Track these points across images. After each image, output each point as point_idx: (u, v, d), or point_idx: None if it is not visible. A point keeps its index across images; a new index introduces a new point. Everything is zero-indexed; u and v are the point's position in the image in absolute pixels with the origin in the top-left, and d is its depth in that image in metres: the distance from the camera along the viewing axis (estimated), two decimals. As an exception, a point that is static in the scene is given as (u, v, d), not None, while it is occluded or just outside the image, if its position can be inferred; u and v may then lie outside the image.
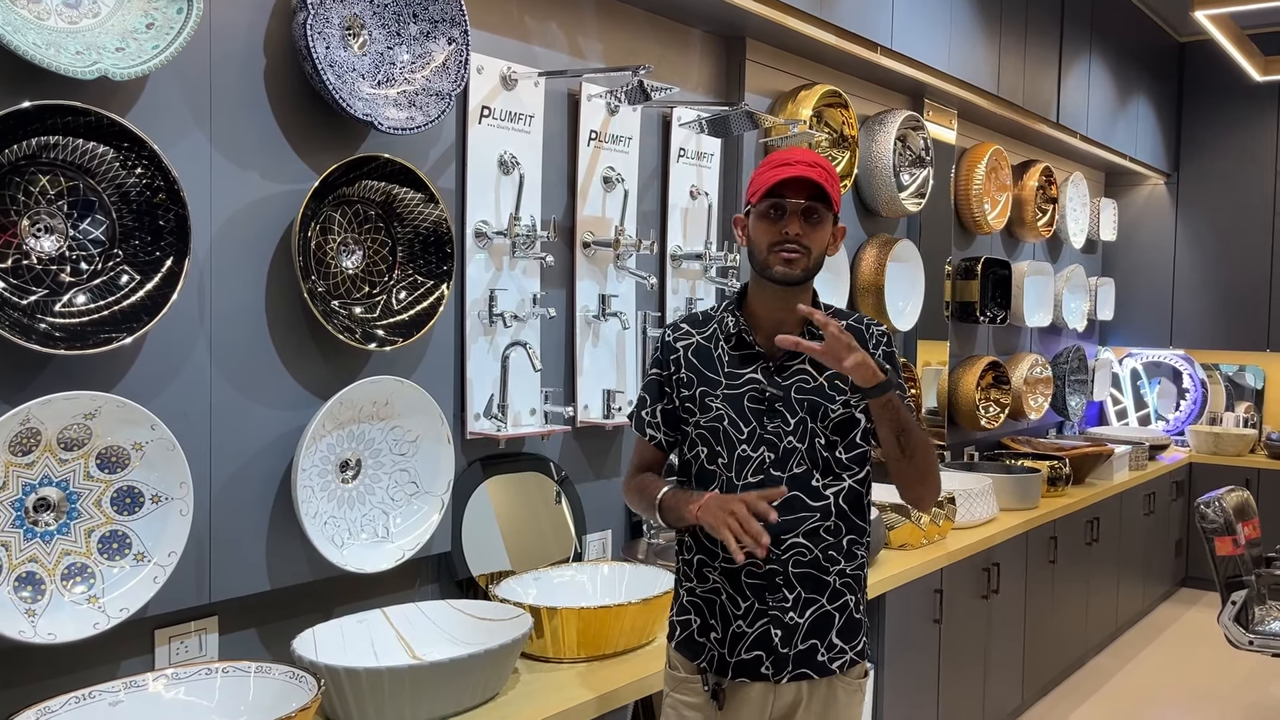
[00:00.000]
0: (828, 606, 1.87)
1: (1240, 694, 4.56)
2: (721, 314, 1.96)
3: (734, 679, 1.87)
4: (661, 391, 1.97)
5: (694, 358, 1.93)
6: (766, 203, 1.82)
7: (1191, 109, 6.40)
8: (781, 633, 1.85)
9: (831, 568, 1.87)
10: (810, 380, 1.88)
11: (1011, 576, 3.92)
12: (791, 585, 1.85)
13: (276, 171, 2.04)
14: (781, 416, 1.86)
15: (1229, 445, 6.03)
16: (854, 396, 1.86)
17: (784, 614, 1.85)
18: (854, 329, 1.91)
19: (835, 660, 1.88)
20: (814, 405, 1.86)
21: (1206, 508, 3.86)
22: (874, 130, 3.86)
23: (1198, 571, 6.06)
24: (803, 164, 1.80)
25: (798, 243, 1.80)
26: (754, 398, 1.88)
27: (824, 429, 1.86)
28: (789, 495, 1.83)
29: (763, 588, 1.85)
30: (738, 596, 1.87)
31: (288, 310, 2.05)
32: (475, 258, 2.50)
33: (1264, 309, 6.15)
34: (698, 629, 1.92)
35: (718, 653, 1.88)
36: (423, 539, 2.22)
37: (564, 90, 2.76)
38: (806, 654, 1.86)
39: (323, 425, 2.05)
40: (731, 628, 1.87)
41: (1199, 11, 4.79)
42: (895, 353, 1.97)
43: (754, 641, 1.86)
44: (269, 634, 2.13)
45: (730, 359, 1.90)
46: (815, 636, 1.86)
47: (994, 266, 4.81)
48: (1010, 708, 4.06)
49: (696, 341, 1.94)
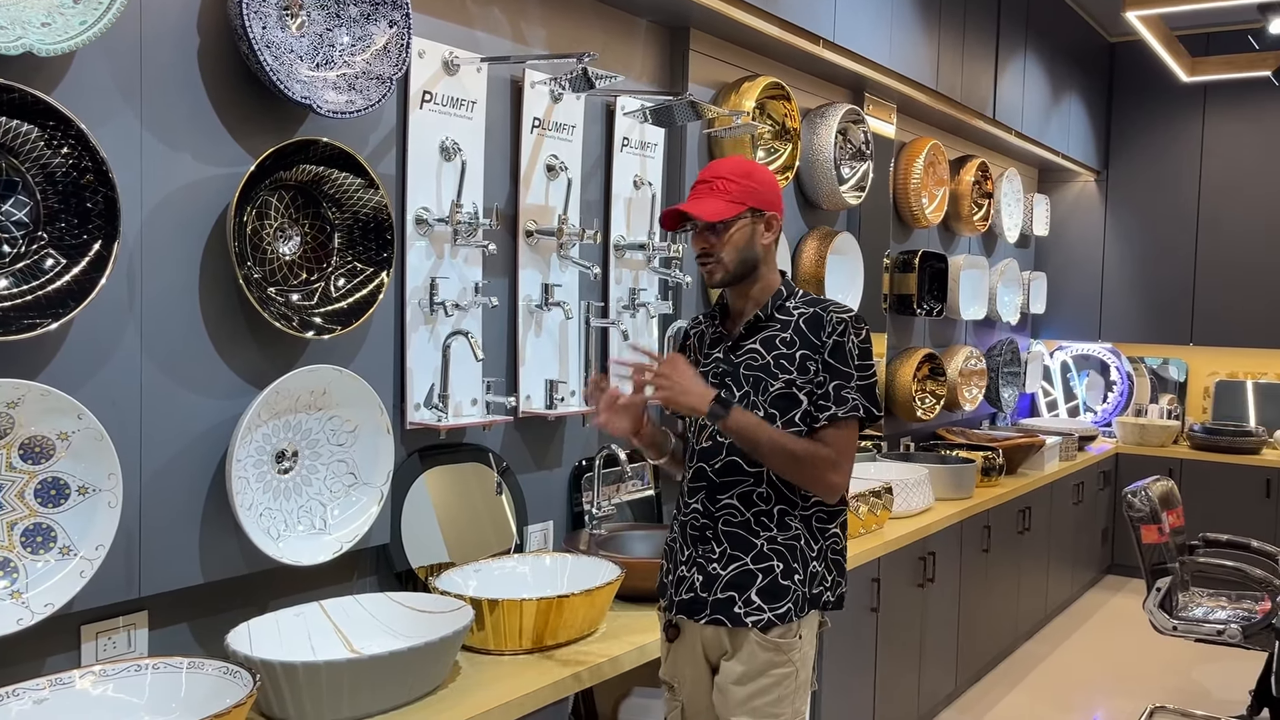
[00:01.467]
0: (751, 566, 2.04)
1: (1164, 678, 4.69)
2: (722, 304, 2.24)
3: (676, 614, 2.11)
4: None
5: (697, 342, 2.25)
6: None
7: (1121, 108, 6.56)
8: (703, 579, 2.06)
9: (762, 532, 2.05)
10: (758, 358, 2.08)
11: (946, 565, 3.99)
12: (720, 541, 2.06)
13: (211, 154, 1.98)
14: (729, 389, 2.08)
15: (1153, 436, 6.20)
16: (799, 377, 2.04)
17: (708, 564, 2.07)
18: (815, 316, 2.07)
19: (751, 615, 2.02)
20: (756, 380, 2.06)
21: (1134, 497, 3.95)
22: (815, 123, 3.88)
23: (1123, 559, 6.24)
24: (680, 205, 2.07)
25: (707, 255, 2.08)
26: (714, 373, 2.13)
27: (764, 402, 2.05)
28: (726, 459, 2.06)
29: (697, 539, 2.09)
30: (684, 543, 2.12)
31: (222, 297, 2.00)
32: (416, 245, 2.46)
33: (1187, 304, 6.33)
34: (664, 570, 2.19)
35: (671, 591, 2.13)
36: (361, 531, 2.19)
37: (507, 77, 2.73)
38: (724, 603, 2.04)
39: (258, 415, 2.01)
40: (678, 571, 2.12)
41: (1130, 12, 4.90)
42: (848, 342, 2.05)
43: (689, 585, 2.09)
44: (202, 629, 2.08)
45: (710, 340, 2.20)
46: (734, 589, 2.03)
47: (931, 260, 4.88)
48: (944, 694, 4.13)
49: (702, 329, 2.26)
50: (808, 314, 2.08)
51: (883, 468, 4.19)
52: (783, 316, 2.09)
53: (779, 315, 2.09)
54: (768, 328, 2.09)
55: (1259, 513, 5.77)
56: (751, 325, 2.10)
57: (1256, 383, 6.33)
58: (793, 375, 2.04)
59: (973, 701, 4.32)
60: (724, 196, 2.05)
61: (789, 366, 2.05)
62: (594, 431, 3.06)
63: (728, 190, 2.05)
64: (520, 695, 2.02)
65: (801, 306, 2.10)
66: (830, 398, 2.03)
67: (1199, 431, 6.11)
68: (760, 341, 2.09)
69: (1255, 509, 5.78)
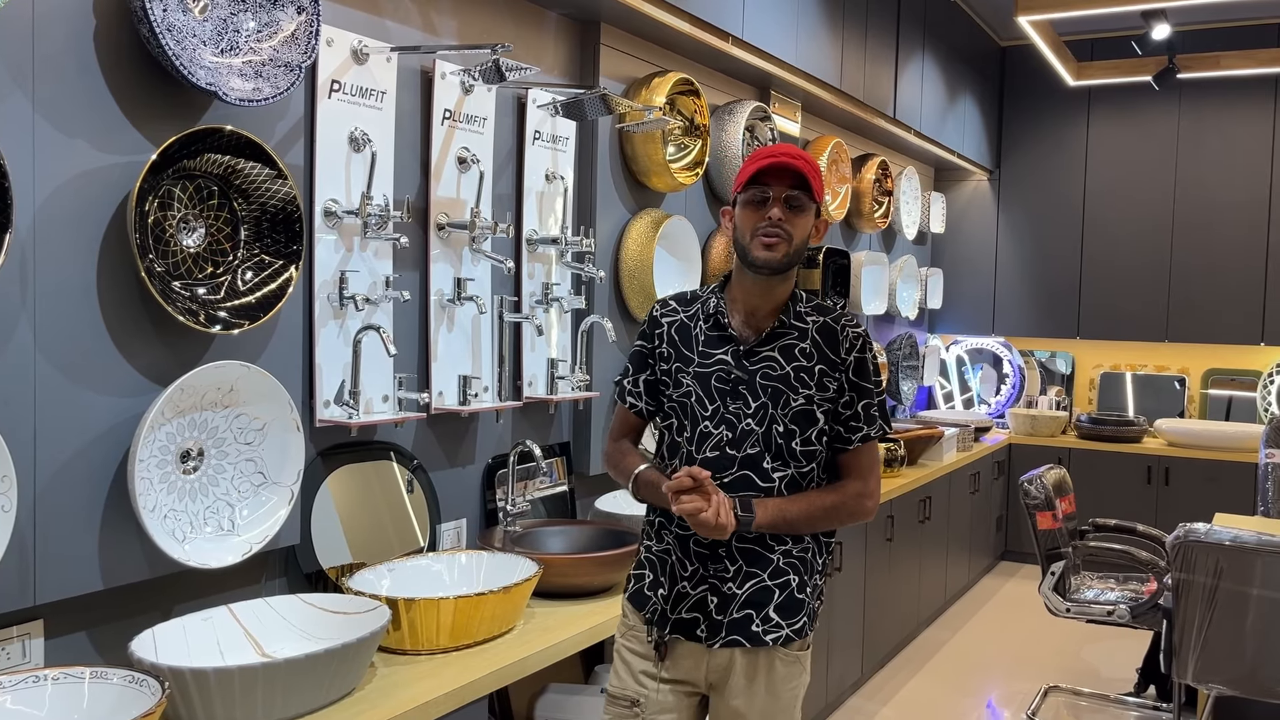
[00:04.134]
0: (768, 582, 1.95)
1: (1057, 659, 4.88)
2: (707, 295, 2.07)
3: (672, 634, 1.99)
4: (645, 363, 2.09)
5: (675, 334, 2.05)
6: (751, 190, 1.92)
7: (1012, 109, 6.79)
8: (718, 600, 1.95)
9: (777, 546, 1.96)
10: (777, 368, 1.96)
11: (853, 555, 4.08)
12: (734, 558, 1.95)
13: (109, 141, 1.89)
14: (743, 399, 1.96)
15: (1044, 427, 6.44)
16: (818, 394, 1.96)
17: (723, 583, 1.95)
18: (829, 327, 1.99)
19: (770, 633, 1.95)
20: (777, 392, 1.95)
21: (1029, 485, 4.10)
22: (724, 120, 3.91)
23: (1016, 545, 6.46)
24: (786, 155, 1.90)
25: (780, 227, 1.90)
26: (721, 378, 1.98)
27: (784, 417, 1.95)
28: (739, 474, 1.95)
29: (707, 556, 1.97)
30: (686, 560, 1.99)
31: (123, 290, 1.92)
32: (325, 238, 2.40)
33: (1074, 299, 6.59)
34: (649, 584, 2.04)
35: (661, 607, 2.00)
36: (271, 531, 2.13)
37: (417, 67, 2.68)
38: (741, 622, 1.95)
39: (162, 413, 1.93)
40: (677, 587, 1.99)
41: (1022, 16, 5.07)
42: (869, 357, 1.99)
43: (694, 604, 1.97)
44: (103, 636, 1.99)
45: (706, 339, 2.01)
46: (751, 608, 1.95)
47: (835, 256, 4.96)
48: (851, 681, 4.22)
49: (680, 319, 2.06)
50: (820, 324, 1.99)
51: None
52: (799, 324, 1.99)
53: (796, 323, 1.99)
54: (786, 335, 1.98)
55: (1143, 497, 6.04)
56: (771, 331, 1.97)
57: (1135, 374, 6.63)
58: (812, 391, 1.95)
59: (878, 688, 4.42)
60: (817, 180, 1.93)
61: (809, 381, 1.95)
62: (507, 428, 3.03)
63: (816, 175, 1.93)
64: (439, 695, 1.99)
65: (812, 314, 2.01)
66: (861, 418, 1.98)
67: (1086, 422, 6.37)
68: (779, 350, 1.97)
69: (1139, 494, 6.06)
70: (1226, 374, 6.39)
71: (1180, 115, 6.28)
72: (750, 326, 2.00)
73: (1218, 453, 5.91)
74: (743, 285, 2.00)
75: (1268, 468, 4.78)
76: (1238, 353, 6.33)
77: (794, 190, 1.91)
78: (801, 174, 1.90)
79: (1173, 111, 6.29)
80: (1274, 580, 3.09)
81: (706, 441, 1.97)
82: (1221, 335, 6.19)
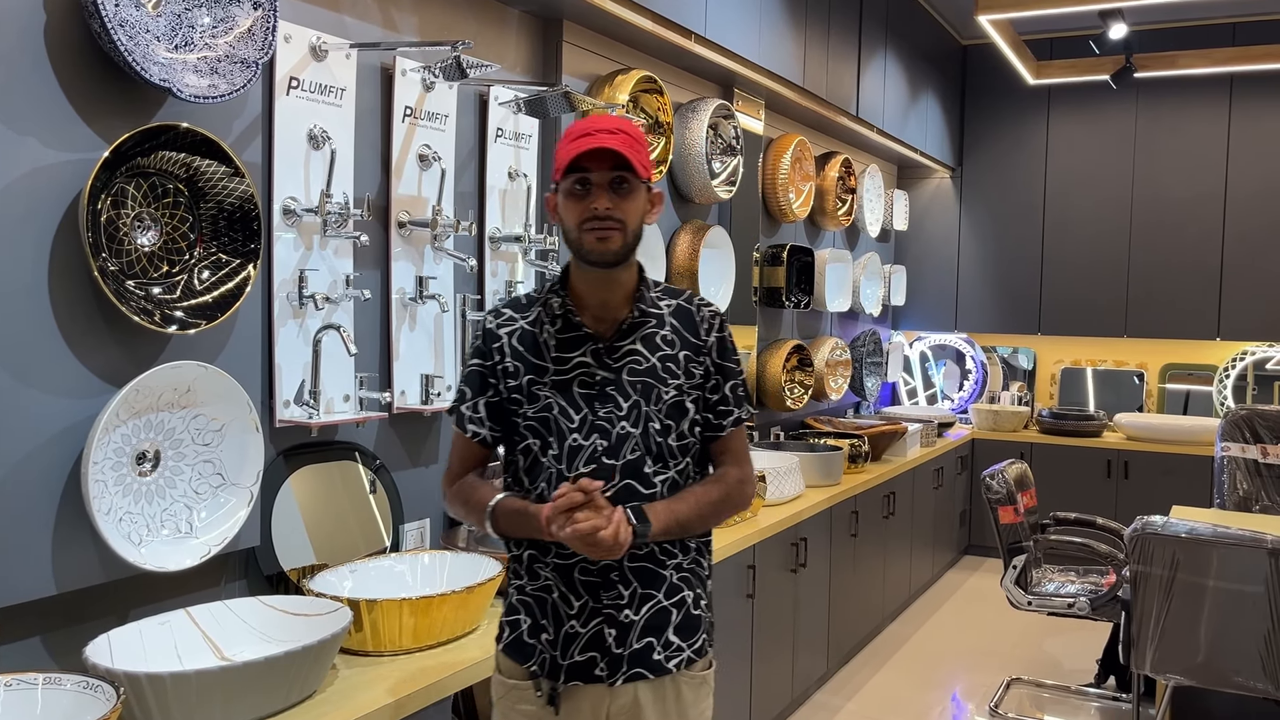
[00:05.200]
0: (664, 602, 1.79)
1: (1019, 651, 4.94)
2: (545, 296, 1.84)
3: (567, 682, 1.76)
4: (485, 383, 1.83)
5: (519, 344, 1.81)
6: (571, 179, 1.72)
7: (973, 108, 6.85)
8: (616, 632, 1.75)
9: (668, 561, 1.79)
10: (643, 361, 1.78)
11: (817, 550, 4.10)
12: (627, 581, 1.76)
13: (60, 139, 1.86)
14: (614, 401, 1.76)
15: (1006, 422, 6.51)
16: (687, 382, 1.80)
17: (619, 612, 1.75)
18: (684, 310, 1.85)
19: (672, 659, 1.78)
20: (647, 387, 1.77)
21: (991, 479, 4.14)
22: (687, 117, 3.92)
23: (979, 539, 6.53)
24: (603, 132, 1.69)
25: (609, 218, 1.71)
26: (584, 382, 1.77)
27: (657, 413, 1.77)
28: (621, 484, 1.75)
29: (597, 585, 1.76)
30: (570, 595, 1.77)
31: (75, 290, 1.89)
32: (283, 236, 2.38)
33: (1035, 295, 6.66)
34: (528, 629, 1.80)
35: (549, 655, 1.77)
36: (230, 533, 2.10)
37: (377, 64, 2.66)
38: (642, 653, 1.76)
39: (116, 414, 1.90)
40: (564, 628, 1.76)
41: (982, 15, 5.12)
42: (728, 336, 1.86)
43: (588, 642, 1.76)
44: (57, 641, 1.96)
45: (558, 343, 1.79)
46: (651, 635, 1.77)
47: (798, 254, 5.00)
48: (816, 676, 4.24)
49: (521, 327, 1.82)
50: (674, 307, 1.84)
51: (755, 457, 4.26)
52: (655, 311, 1.83)
53: (652, 310, 1.82)
54: (645, 324, 1.81)
55: (1102, 491, 6.13)
56: (630, 323, 1.80)
57: (1095, 369, 6.72)
58: (680, 380, 1.79)
59: (843, 682, 4.45)
60: (641, 154, 1.73)
61: (676, 370, 1.79)
62: (470, 426, 3.01)
63: (639, 148, 1.73)
64: (402, 696, 1.98)
65: (665, 298, 1.85)
66: (730, 401, 1.84)
67: (1047, 416, 6.45)
68: (641, 341, 1.79)
69: (1099, 488, 6.14)
70: (1184, 369, 6.49)
71: (1138, 114, 6.37)
72: (605, 321, 1.80)
73: (1175, 446, 6.00)
74: (585, 280, 1.79)
75: (1223, 460, 4.87)
76: (1195, 348, 6.43)
77: (617, 172, 1.70)
78: (621, 153, 1.69)
79: (1130, 110, 6.38)
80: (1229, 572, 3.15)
81: (578, 456, 1.75)
82: (1179, 330, 6.29)
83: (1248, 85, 6.08)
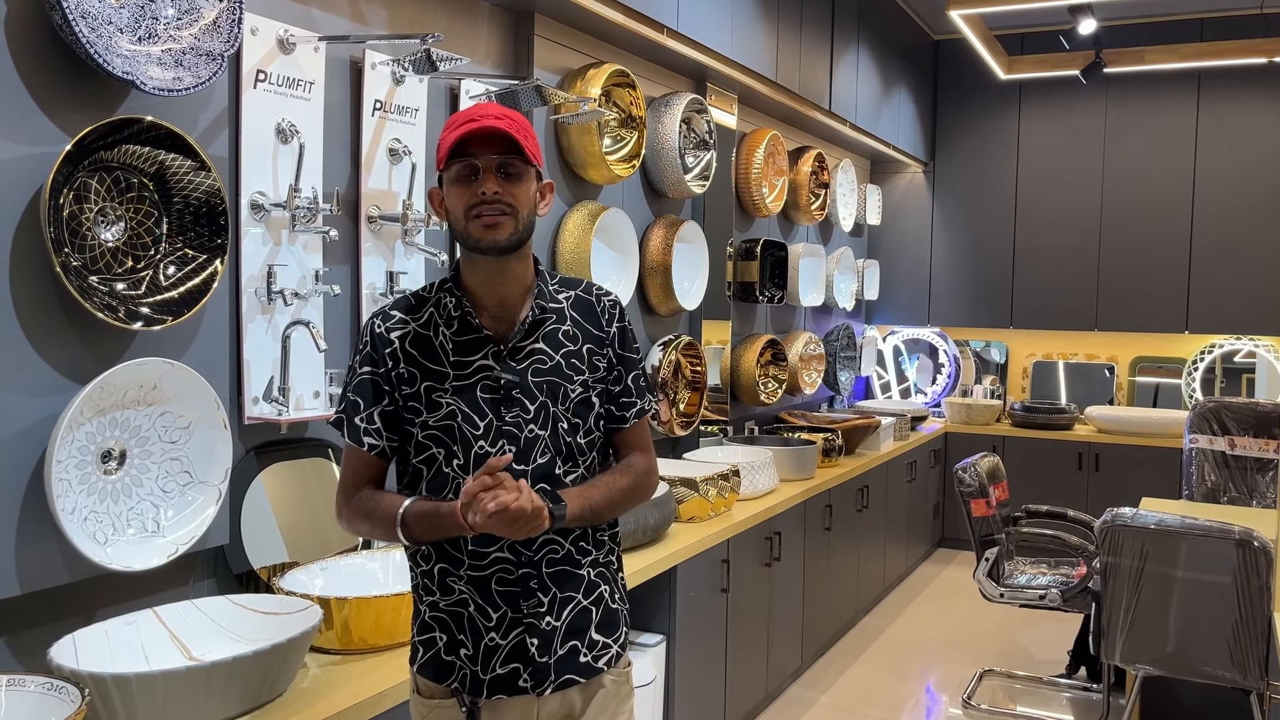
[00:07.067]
0: (584, 602, 1.73)
1: (992, 643, 4.97)
2: (437, 295, 1.74)
3: (489, 697, 1.69)
4: (379, 391, 1.71)
5: (412, 349, 1.70)
6: (456, 165, 1.64)
7: (945, 102, 6.88)
8: (539, 641, 1.68)
9: (584, 560, 1.74)
10: (547, 360, 1.71)
11: (791, 544, 4.11)
12: (546, 587, 1.69)
13: (20, 131, 1.83)
14: (520, 404, 1.68)
15: (979, 415, 6.55)
16: (591, 376, 1.74)
17: (540, 620, 1.68)
18: (584, 300, 1.78)
19: (600, 658, 1.74)
20: (553, 386, 1.71)
21: (964, 473, 4.16)
22: (660, 112, 3.91)
23: (952, 532, 6.57)
24: (489, 117, 1.62)
25: (499, 202, 1.63)
26: (488, 387, 1.68)
27: (565, 412, 1.71)
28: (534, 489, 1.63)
29: (516, 594, 1.68)
30: (488, 607, 1.68)
31: (36, 286, 1.86)
32: (251, 231, 2.35)
33: (1007, 289, 6.71)
34: (445, 646, 1.71)
35: (469, 670, 1.69)
36: (198, 532, 2.08)
37: (346, 57, 2.63)
38: (567, 658, 1.71)
39: (80, 412, 1.87)
40: (484, 641, 1.68)
41: (953, 10, 5.14)
42: (628, 325, 1.81)
43: (509, 654, 1.68)
44: (21, 643, 1.93)
45: (455, 346, 1.70)
46: (575, 638, 1.72)
47: (772, 248, 5.00)
48: (791, 669, 4.25)
49: (413, 330, 1.71)
50: (573, 299, 1.77)
51: (730, 451, 4.28)
52: (555, 305, 1.75)
53: (552, 304, 1.74)
54: (546, 320, 1.73)
55: (1074, 483, 6.18)
56: (532, 321, 1.71)
57: (1067, 363, 6.77)
58: (585, 375, 1.73)
59: (818, 675, 4.47)
60: (530, 141, 1.67)
61: (580, 366, 1.73)
62: (443, 422, 2.99)
63: (527, 134, 1.66)
64: (373, 694, 1.96)
65: (563, 290, 1.78)
66: (632, 392, 1.79)
67: (1019, 410, 6.49)
68: (544, 339, 1.72)
69: (1070, 480, 6.19)
70: (1153, 361, 6.56)
71: (1107, 109, 6.42)
72: (504, 321, 1.72)
73: (1145, 438, 6.06)
74: (478, 275, 1.70)
75: (1192, 452, 4.92)
76: (1164, 341, 6.50)
77: (505, 155, 1.64)
78: (510, 137, 1.62)
79: (1100, 105, 6.43)
80: (1197, 562, 3.18)
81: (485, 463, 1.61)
82: (1148, 324, 6.35)
83: (1215, 80, 6.14)
